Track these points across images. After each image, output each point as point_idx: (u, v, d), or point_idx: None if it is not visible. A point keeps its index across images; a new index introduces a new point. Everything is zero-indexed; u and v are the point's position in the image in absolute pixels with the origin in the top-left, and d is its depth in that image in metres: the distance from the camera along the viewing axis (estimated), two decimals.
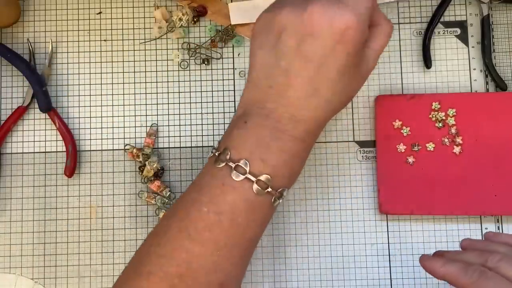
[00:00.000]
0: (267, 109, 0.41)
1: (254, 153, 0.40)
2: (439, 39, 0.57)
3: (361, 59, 0.42)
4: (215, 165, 0.41)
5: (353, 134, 0.56)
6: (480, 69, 0.56)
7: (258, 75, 0.42)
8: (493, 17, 0.57)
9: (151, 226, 0.55)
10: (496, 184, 0.53)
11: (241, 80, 0.57)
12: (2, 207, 0.55)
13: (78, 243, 0.54)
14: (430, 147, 0.54)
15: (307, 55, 0.40)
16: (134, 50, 0.57)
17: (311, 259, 0.54)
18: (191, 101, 0.56)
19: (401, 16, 0.57)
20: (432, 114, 0.54)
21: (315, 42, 0.39)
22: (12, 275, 0.54)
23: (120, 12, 0.57)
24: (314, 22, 0.39)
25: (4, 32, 0.57)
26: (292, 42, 0.40)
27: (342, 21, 0.38)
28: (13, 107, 0.56)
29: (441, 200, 0.53)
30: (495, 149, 0.54)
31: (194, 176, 0.55)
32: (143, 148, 0.55)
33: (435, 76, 0.56)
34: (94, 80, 0.57)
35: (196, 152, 0.56)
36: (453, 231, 0.54)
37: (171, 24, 0.57)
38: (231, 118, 0.56)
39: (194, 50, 0.56)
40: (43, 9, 0.57)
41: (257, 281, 0.54)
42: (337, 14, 0.38)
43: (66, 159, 0.55)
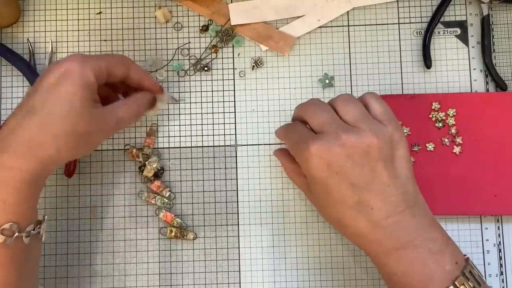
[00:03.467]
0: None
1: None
2: (439, 39, 0.57)
3: (90, 105, 0.44)
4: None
5: None
6: (480, 69, 0.56)
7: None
8: (493, 17, 0.57)
9: (151, 226, 0.55)
10: (496, 184, 0.53)
11: (241, 80, 0.57)
12: None
13: (78, 243, 0.54)
14: (430, 147, 0.54)
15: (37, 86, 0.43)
16: (134, 50, 0.57)
17: (311, 259, 0.54)
18: (191, 101, 0.56)
19: (401, 16, 0.57)
20: (432, 114, 0.54)
21: (45, 76, 0.44)
22: None
23: (120, 12, 0.57)
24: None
25: (4, 32, 0.57)
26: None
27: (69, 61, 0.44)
28: (13, 107, 0.56)
29: (441, 200, 0.53)
30: (495, 149, 0.54)
31: (194, 176, 0.55)
32: (143, 148, 0.55)
33: (435, 76, 0.56)
34: None
35: (196, 152, 0.56)
36: (453, 231, 0.54)
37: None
38: (231, 118, 0.56)
39: (195, 64, 0.57)
40: (43, 9, 0.57)
41: (257, 281, 0.54)
42: (69, 58, 0.44)
43: None
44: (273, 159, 0.55)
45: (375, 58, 0.57)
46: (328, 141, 0.42)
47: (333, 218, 0.45)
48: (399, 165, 0.44)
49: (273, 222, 0.55)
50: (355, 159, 0.42)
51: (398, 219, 0.42)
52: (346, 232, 0.45)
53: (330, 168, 0.42)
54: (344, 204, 0.43)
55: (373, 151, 0.42)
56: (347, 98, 0.45)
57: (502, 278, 0.54)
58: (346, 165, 0.42)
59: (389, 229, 0.42)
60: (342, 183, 0.43)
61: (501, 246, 0.54)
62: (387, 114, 0.45)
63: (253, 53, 0.57)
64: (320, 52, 0.57)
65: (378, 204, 0.42)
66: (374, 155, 0.42)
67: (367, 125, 0.43)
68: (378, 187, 0.42)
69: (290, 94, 0.56)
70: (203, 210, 0.55)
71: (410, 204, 0.43)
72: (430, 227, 0.43)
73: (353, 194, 0.42)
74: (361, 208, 0.42)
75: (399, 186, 0.43)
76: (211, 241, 0.54)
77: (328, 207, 0.44)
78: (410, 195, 0.43)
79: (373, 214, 0.42)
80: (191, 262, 0.54)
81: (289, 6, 0.57)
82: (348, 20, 0.57)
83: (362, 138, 0.42)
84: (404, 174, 0.44)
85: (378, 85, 0.56)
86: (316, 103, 0.46)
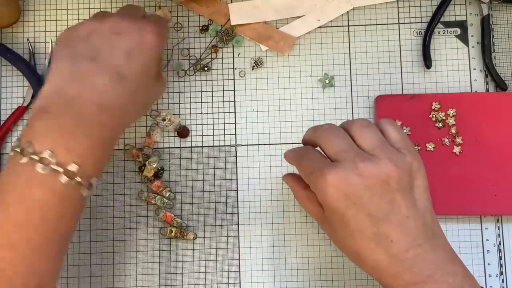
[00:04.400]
0: (69, 96, 0.41)
1: (58, 142, 0.39)
2: (439, 39, 0.57)
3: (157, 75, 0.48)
4: (18, 161, 0.39)
5: None
6: (480, 69, 0.56)
7: (63, 65, 0.43)
8: (493, 17, 0.57)
9: (151, 226, 0.55)
10: (496, 184, 0.53)
11: (241, 80, 0.57)
12: None
13: (78, 243, 0.54)
14: (430, 147, 0.54)
15: (116, 46, 0.44)
16: None
17: (311, 259, 0.54)
18: (191, 101, 0.56)
19: (401, 16, 0.57)
20: (432, 114, 0.54)
21: (123, 37, 0.44)
22: None
23: None
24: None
25: (4, 32, 0.57)
26: (96, 37, 0.44)
27: (148, 31, 0.45)
28: (13, 107, 0.56)
29: (441, 200, 0.53)
30: (495, 149, 0.54)
31: (194, 176, 0.55)
32: (143, 148, 0.55)
33: (435, 76, 0.56)
34: None
35: (196, 152, 0.56)
36: (453, 231, 0.54)
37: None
38: (231, 118, 0.56)
39: (195, 64, 0.57)
40: (43, 9, 0.57)
41: (257, 281, 0.54)
42: (145, 24, 0.46)
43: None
44: (273, 159, 0.55)
45: (375, 58, 0.57)
46: (345, 170, 0.40)
47: (350, 250, 0.43)
48: (418, 196, 0.42)
49: (273, 222, 0.55)
50: (373, 189, 0.40)
51: (417, 252, 0.40)
52: (363, 265, 0.43)
53: (348, 199, 0.40)
54: (362, 235, 0.41)
55: (392, 181, 0.41)
56: (364, 124, 0.43)
57: (502, 278, 0.54)
58: (365, 196, 0.40)
59: (408, 262, 0.40)
60: (360, 214, 0.41)
61: (501, 246, 0.54)
62: (405, 142, 0.43)
63: (253, 53, 0.57)
64: (320, 52, 0.57)
65: (397, 236, 0.40)
66: (392, 185, 0.41)
67: (385, 154, 0.41)
68: (397, 218, 0.41)
69: (290, 94, 0.56)
70: (203, 210, 0.55)
71: (429, 236, 0.41)
72: (450, 261, 0.42)
73: (372, 226, 0.41)
74: (380, 240, 0.41)
75: (418, 217, 0.41)
76: (211, 241, 0.54)
77: (345, 238, 0.42)
78: (429, 226, 0.42)
79: (392, 247, 0.40)
80: (191, 262, 0.54)
81: (289, 6, 0.57)
82: (348, 20, 0.57)
83: (380, 167, 0.40)
84: (423, 205, 0.42)
85: (378, 85, 0.56)
86: (331, 128, 0.44)
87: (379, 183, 0.40)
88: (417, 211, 0.41)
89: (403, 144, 0.43)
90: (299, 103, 0.56)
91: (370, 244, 0.41)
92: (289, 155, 0.48)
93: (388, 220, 0.41)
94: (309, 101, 0.56)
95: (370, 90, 0.56)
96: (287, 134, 0.56)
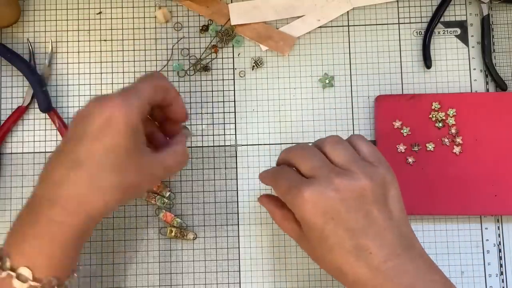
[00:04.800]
0: (34, 196, 0.41)
1: (13, 245, 0.40)
2: (439, 39, 0.57)
3: (138, 152, 0.42)
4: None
5: (353, 134, 0.56)
6: (480, 69, 0.56)
7: (44, 168, 0.42)
8: (493, 17, 0.57)
9: (151, 226, 0.55)
10: (496, 184, 0.53)
11: (241, 80, 0.57)
12: (2, 207, 0.55)
13: None
14: (430, 147, 0.54)
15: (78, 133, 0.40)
16: (134, 50, 0.57)
17: (311, 259, 0.54)
18: (191, 101, 0.56)
19: (401, 16, 0.57)
20: (432, 114, 0.54)
21: (86, 121, 0.40)
22: None
23: (120, 12, 0.57)
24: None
25: (4, 32, 0.57)
26: (70, 127, 0.41)
27: (110, 105, 0.40)
28: (13, 107, 0.56)
29: (441, 200, 0.53)
30: (495, 149, 0.54)
31: (194, 176, 0.55)
32: None
33: (435, 76, 0.56)
34: (94, 80, 0.57)
35: (196, 152, 0.56)
36: (453, 231, 0.54)
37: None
38: (231, 118, 0.56)
39: (195, 64, 0.57)
40: (43, 9, 0.57)
41: (257, 281, 0.54)
42: (108, 99, 0.40)
43: None
44: (273, 159, 0.55)
45: (375, 58, 0.57)
46: (321, 186, 0.41)
47: (331, 265, 0.43)
48: (393, 207, 0.43)
49: (273, 222, 0.55)
50: (349, 203, 0.41)
51: (397, 262, 0.41)
52: (345, 280, 0.43)
53: (325, 214, 0.41)
54: (341, 249, 0.41)
55: (367, 193, 0.41)
56: (335, 140, 0.44)
57: (502, 278, 0.54)
58: (341, 210, 0.41)
59: (389, 273, 0.41)
60: (338, 228, 0.41)
61: (501, 246, 0.54)
62: (377, 156, 0.44)
63: (253, 53, 0.57)
64: (320, 52, 0.57)
65: (376, 248, 0.41)
66: (368, 198, 0.41)
67: (359, 168, 0.42)
68: (375, 230, 0.41)
69: (290, 94, 0.56)
70: (203, 210, 0.55)
71: (407, 246, 0.42)
72: (429, 270, 0.42)
73: (350, 239, 0.41)
74: (359, 253, 0.41)
75: (395, 228, 0.42)
76: (211, 241, 0.54)
77: (324, 254, 0.42)
78: (406, 237, 0.42)
79: (372, 259, 0.41)
80: (191, 262, 0.54)
81: (289, 6, 0.57)
82: (348, 20, 0.57)
83: (355, 181, 0.41)
84: (398, 216, 0.43)
85: (378, 85, 0.56)
86: (304, 147, 0.45)
87: (355, 197, 0.41)
88: (393, 222, 0.42)
89: (375, 158, 0.44)
90: (299, 103, 0.56)
91: (350, 257, 0.41)
92: (265, 175, 0.48)
93: (365, 232, 0.41)
94: (309, 101, 0.56)
95: (370, 90, 0.56)
96: (287, 134, 0.56)
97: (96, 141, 0.39)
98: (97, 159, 0.39)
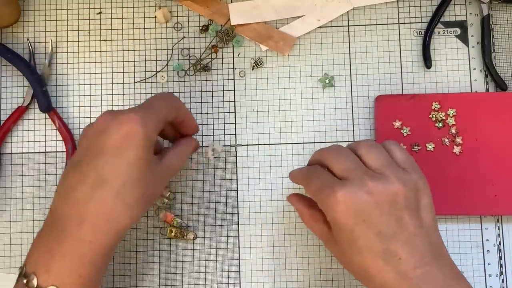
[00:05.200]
0: (57, 213, 0.41)
1: (39, 263, 0.40)
2: (439, 39, 0.57)
3: (153, 164, 0.43)
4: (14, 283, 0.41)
5: (353, 134, 0.56)
6: (480, 69, 0.56)
7: (63, 177, 0.43)
8: (493, 17, 0.57)
9: (151, 226, 0.55)
10: (496, 184, 0.53)
11: (241, 80, 0.57)
12: (2, 207, 0.55)
13: None
14: (430, 147, 0.54)
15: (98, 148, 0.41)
16: (134, 50, 0.57)
17: (311, 259, 0.54)
18: (191, 101, 0.56)
19: (401, 16, 0.57)
20: (432, 114, 0.54)
21: (105, 136, 0.41)
22: (12, 275, 0.54)
23: (120, 12, 0.57)
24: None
25: (4, 32, 0.57)
26: (86, 141, 0.42)
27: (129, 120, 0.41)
28: (13, 107, 0.56)
29: (441, 200, 0.53)
30: (495, 149, 0.54)
31: (194, 176, 0.55)
32: None
33: (435, 76, 0.56)
34: (94, 80, 0.57)
35: (196, 152, 0.56)
36: (453, 231, 0.54)
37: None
38: (231, 118, 0.56)
39: (195, 64, 0.57)
40: (43, 9, 0.57)
41: (257, 281, 0.54)
42: (126, 115, 0.41)
43: (66, 159, 0.55)
44: (273, 159, 0.55)
45: (375, 58, 0.57)
46: (354, 187, 0.41)
47: (358, 267, 0.43)
48: (425, 214, 0.43)
49: (273, 222, 0.55)
50: (382, 207, 0.41)
51: (425, 270, 0.41)
52: (371, 283, 0.43)
53: (357, 216, 0.41)
54: (371, 253, 0.41)
55: (400, 199, 0.41)
56: (370, 144, 0.44)
57: (502, 278, 0.54)
58: (374, 213, 0.41)
59: (417, 281, 0.40)
60: (369, 231, 0.41)
61: (501, 246, 0.54)
62: (410, 162, 0.44)
63: (253, 53, 0.57)
64: (320, 52, 0.57)
65: (405, 254, 0.41)
66: (400, 203, 0.41)
67: (393, 172, 0.42)
68: (405, 236, 0.41)
69: (290, 94, 0.56)
70: (203, 210, 0.55)
71: (436, 255, 0.42)
72: (456, 279, 0.42)
73: (380, 243, 0.41)
74: (388, 257, 0.41)
75: (425, 236, 0.42)
76: (211, 241, 0.54)
77: (353, 256, 0.42)
78: (435, 246, 0.42)
79: (401, 264, 0.41)
80: (191, 262, 0.54)
81: (289, 6, 0.57)
82: (348, 20, 0.57)
83: (389, 185, 0.41)
84: (429, 224, 0.42)
85: (378, 85, 0.56)
86: (339, 148, 0.45)
87: (388, 201, 0.41)
88: (424, 230, 0.42)
89: (409, 164, 0.44)
90: (299, 103, 0.56)
91: (379, 261, 0.41)
92: (297, 174, 0.48)
93: (396, 238, 0.41)
94: (309, 101, 0.56)
95: (370, 90, 0.56)
96: (287, 134, 0.56)
97: (118, 157, 0.40)
98: (121, 175, 0.40)
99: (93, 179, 0.40)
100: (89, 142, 0.42)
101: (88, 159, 0.41)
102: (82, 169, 0.41)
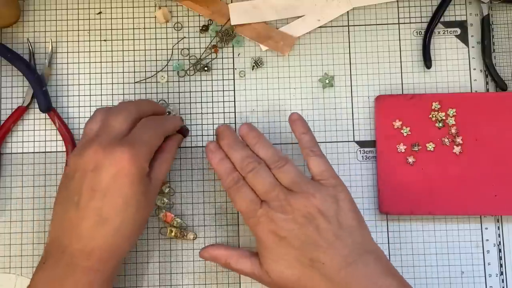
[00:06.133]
0: (62, 246, 0.44)
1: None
2: (439, 39, 0.57)
3: (146, 188, 0.46)
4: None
5: (353, 134, 0.56)
6: (480, 69, 0.56)
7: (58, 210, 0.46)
8: (493, 17, 0.57)
9: (151, 226, 0.55)
10: (496, 184, 0.53)
11: (241, 80, 0.57)
12: (2, 207, 0.55)
13: None
14: (430, 147, 0.54)
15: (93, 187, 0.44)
16: (134, 50, 0.57)
17: None
18: (191, 101, 0.56)
19: (401, 16, 0.57)
20: (432, 114, 0.54)
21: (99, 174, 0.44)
22: (12, 275, 0.54)
23: (120, 12, 0.57)
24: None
25: (4, 32, 0.57)
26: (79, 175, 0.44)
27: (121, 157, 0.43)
28: (13, 107, 0.56)
29: (441, 200, 0.53)
30: (495, 149, 0.54)
31: (194, 176, 0.55)
32: None
33: (435, 76, 0.56)
34: (94, 80, 0.57)
35: (196, 152, 0.56)
36: (453, 231, 0.54)
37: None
38: (231, 118, 0.56)
39: (195, 64, 0.57)
40: (43, 9, 0.57)
41: (257, 281, 0.54)
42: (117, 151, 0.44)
43: (66, 159, 0.55)
44: None
45: (375, 58, 0.57)
46: (272, 208, 0.46)
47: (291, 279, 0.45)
48: (343, 217, 0.46)
49: None
50: (299, 221, 0.45)
51: (350, 270, 0.44)
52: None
53: (279, 233, 0.45)
54: (299, 263, 0.45)
55: (314, 210, 0.45)
56: (283, 162, 0.48)
57: (502, 278, 0.54)
58: (293, 228, 0.45)
59: (344, 282, 0.44)
60: (292, 245, 0.45)
61: (501, 246, 0.54)
62: (326, 169, 0.48)
63: (253, 53, 0.57)
64: (320, 52, 0.57)
65: (327, 258, 0.44)
66: (316, 213, 0.45)
67: (306, 187, 0.46)
68: (325, 242, 0.45)
69: (290, 94, 0.56)
70: (203, 210, 0.55)
71: (360, 253, 0.45)
72: (384, 274, 0.44)
73: (305, 254, 0.45)
74: (314, 264, 0.44)
75: (347, 237, 0.45)
76: (211, 241, 0.54)
77: (284, 270, 0.46)
78: (358, 244, 0.45)
79: (325, 269, 0.44)
80: (191, 262, 0.54)
81: (289, 6, 0.57)
82: (348, 20, 0.57)
83: (302, 200, 0.45)
84: (349, 224, 0.46)
85: (378, 85, 0.56)
86: (261, 168, 0.48)
87: (304, 214, 0.45)
88: (343, 232, 0.45)
89: (326, 174, 0.47)
90: (299, 103, 0.56)
91: (307, 270, 0.45)
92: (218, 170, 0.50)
93: (318, 245, 0.45)
94: (309, 101, 0.56)
95: (370, 90, 0.56)
96: (287, 134, 0.56)
97: (115, 196, 0.44)
98: (120, 213, 0.44)
99: (94, 219, 0.44)
100: (82, 179, 0.44)
101: (85, 199, 0.44)
102: (81, 208, 0.44)
